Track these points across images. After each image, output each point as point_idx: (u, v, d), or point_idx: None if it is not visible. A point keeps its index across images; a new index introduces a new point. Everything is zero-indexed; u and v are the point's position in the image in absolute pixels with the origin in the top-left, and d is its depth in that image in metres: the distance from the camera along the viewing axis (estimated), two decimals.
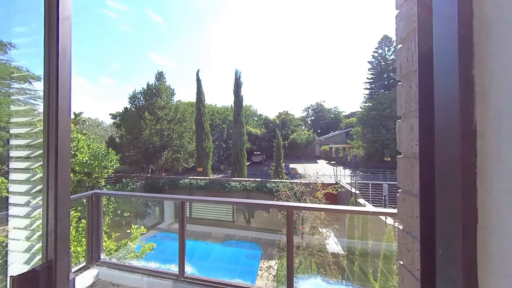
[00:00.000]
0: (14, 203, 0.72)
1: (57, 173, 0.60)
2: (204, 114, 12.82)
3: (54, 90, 0.62)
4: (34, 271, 0.54)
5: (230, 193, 10.44)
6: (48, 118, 0.61)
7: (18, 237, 0.69)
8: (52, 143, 0.61)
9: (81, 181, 8.03)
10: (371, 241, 3.82)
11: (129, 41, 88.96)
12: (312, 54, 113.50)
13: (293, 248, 1.71)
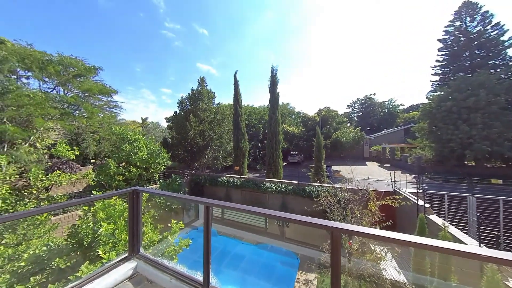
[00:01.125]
0: None
1: None
2: (240, 114, 13.12)
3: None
4: None
5: (265, 194, 10.25)
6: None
7: None
8: None
9: (141, 175, 9.57)
10: (455, 283, 2.74)
11: (181, 55, 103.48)
12: (357, 39, 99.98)
13: (340, 277, 1.26)
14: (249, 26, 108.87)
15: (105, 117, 16.73)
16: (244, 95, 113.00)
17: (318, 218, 4.99)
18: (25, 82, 12.21)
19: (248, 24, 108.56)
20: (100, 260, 2.61)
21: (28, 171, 8.30)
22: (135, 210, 2.69)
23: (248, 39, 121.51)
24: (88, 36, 67.31)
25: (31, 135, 10.82)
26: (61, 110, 12.12)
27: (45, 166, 11.04)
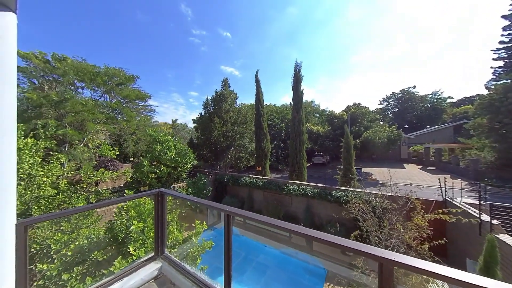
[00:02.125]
0: None
1: None
2: (262, 114, 12.96)
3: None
4: None
5: (288, 196, 9.86)
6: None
7: None
8: None
9: (171, 173, 10.24)
10: None
11: (206, 59, 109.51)
12: (388, 25, 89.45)
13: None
14: (271, 25, 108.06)
15: (141, 120, 18.63)
16: (266, 94, 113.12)
17: (348, 226, 4.57)
18: (81, 92, 14.35)
19: (269, 23, 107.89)
20: (131, 256, 2.76)
21: (81, 167, 9.73)
22: (160, 211, 2.73)
23: (269, 38, 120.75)
24: (128, 47, 76.41)
25: (85, 136, 12.66)
26: (107, 115, 13.89)
27: (94, 163, 12.77)
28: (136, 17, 78.63)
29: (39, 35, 36.92)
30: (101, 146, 8.63)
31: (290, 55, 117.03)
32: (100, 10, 55.87)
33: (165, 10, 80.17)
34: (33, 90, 11.00)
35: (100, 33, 59.78)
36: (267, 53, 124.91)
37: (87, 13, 50.59)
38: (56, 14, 41.53)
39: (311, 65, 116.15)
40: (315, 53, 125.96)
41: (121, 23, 66.02)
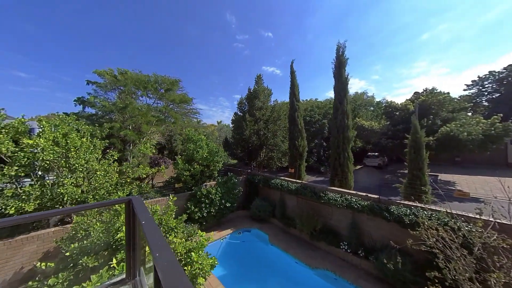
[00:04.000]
0: None
1: None
2: (297, 109, 11.53)
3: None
4: None
5: (327, 206, 8.15)
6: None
7: None
8: None
9: (203, 171, 10.47)
10: None
11: (249, 62, 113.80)
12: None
13: None
14: (313, 15, 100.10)
15: (186, 122, 20.67)
16: (308, 90, 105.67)
17: (416, 258, 2.85)
18: (141, 99, 17.09)
19: (311, 14, 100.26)
20: (113, 270, 2.43)
21: (141, 163, 11.41)
22: (132, 224, 2.20)
23: (311, 30, 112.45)
24: (181, 58, 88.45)
25: (142, 137, 14.90)
26: (157, 117, 15.98)
27: (148, 160, 14.82)
28: (188, 32, 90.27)
29: (111, 54, 48.20)
30: (141, 145, 9.64)
31: (335, 45, 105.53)
32: (157, 28, 67.43)
33: (212, 22, 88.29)
34: (105, 100, 13.80)
35: (158, 47, 72.44)
36: (309, 46, 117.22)
37: (147, 31, 62.08)
38: (121, 33, 53.10)
39: (361, 53, 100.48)
40: (367, 39, 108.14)
41: (175, 37, 77.51)
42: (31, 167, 5.90)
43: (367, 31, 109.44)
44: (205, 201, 9.04)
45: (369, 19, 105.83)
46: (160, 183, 15.03)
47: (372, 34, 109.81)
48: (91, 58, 66.69)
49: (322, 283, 6.24)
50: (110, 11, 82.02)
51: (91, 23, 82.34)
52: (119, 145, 12.95)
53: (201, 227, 8.80)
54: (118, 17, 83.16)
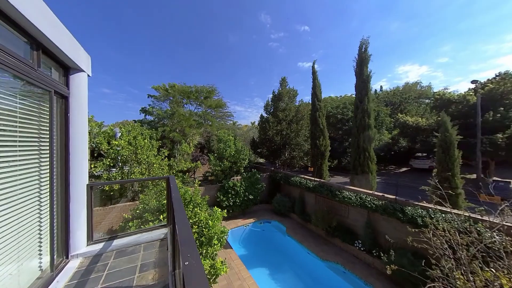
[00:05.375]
0: None
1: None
2: (319, 109, 11.69)
3: None
4: None
5: (343, 204, 8.25)
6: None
7: None
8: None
9: (231, 167, 12.11)
10: None
11: (284, 60, 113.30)
12: None
13: None
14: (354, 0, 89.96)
15: (221, 124, 23.30)
16: (348, 84, 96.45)
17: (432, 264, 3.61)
18: (185, 107, 20.52)
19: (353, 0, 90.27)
20: (160, 222, 4.01)
21: (185, 159, 14.24)
22: (169, 193, 3.65)
23: (355, 15, 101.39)
24: (221, 63, 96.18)
25: (186, 138, 18.01)
26: (197, 121, 18.91)
27: (191, 157, 17.76)
28: (228, 40, 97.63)
29: (164, 67, 57.50)
30: (184, 145, 12.00)
31: (386, 29, 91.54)
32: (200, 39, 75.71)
33: (248, 26, 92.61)
34: (160, 109, 17.46)
35: (199, 56, 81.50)
36: (352, 35, 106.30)
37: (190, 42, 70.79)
38: (174, 49, 62.41)
39: (418, 35, 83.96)
40: (429, 16, 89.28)
41: (216, 45, 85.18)
42: (116, 160, 8.71)
43: (430, 6, 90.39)
44: (231, 192, 10.59)
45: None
46: (200, 176, 17.84)
47: (438, 8, 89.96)
48: (152, 72, 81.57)
49: (330, 274, 6.66)
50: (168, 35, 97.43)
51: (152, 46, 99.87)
52: (169, 144, 16.22)
53: (228, 214, 10.39)
54: (171, 38, 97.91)
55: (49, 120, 2.32)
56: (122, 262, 2.70)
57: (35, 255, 2.16)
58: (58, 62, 2.51)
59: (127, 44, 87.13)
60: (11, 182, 1.77)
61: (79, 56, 2.72)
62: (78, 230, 2.78)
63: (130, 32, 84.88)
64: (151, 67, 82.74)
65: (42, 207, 2.22)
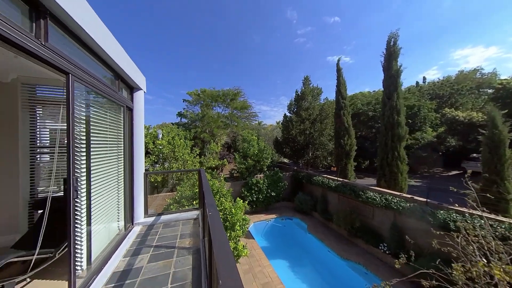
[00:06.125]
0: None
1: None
2: (343, 107, 11.33)
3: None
4: None
5: (367, 205, 7.93)
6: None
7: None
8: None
9: (255, 165, 12.81)
10: None
11: (311, 55, 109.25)
12: None
13: None
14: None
15: (246, 124, 24.40)
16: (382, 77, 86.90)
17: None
18: (213, 109, 22.30)
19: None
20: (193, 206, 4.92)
21: (213, 157, 15.74)
22: (201, 183, 4.46)
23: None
24: (246, 64, 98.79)
25: (214, 138, 19.63)
26: (224, 122, 20.37)
27: (219, 155, 19.22)
28: (253, 40, 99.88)
29: (191, 75, 62.50)
30: (212, 144, 13.25)
31: (437, 7, 78.27)
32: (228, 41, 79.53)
33: (274, 24, 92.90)
34: (192, 112, 19.50)
35: (225, 60, 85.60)
36: (392, 19, 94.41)
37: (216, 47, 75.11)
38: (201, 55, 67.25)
39: (483, 10, 68.84)
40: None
41: (242, 48, 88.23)
42: (158, 157, 10.40)
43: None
44: (254, 189, 11.28)
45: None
46: (226, 174, 19.22)
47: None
48: (184, 78, 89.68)
49: (351, 273, 6.63)
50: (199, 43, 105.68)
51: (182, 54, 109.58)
52: (200, 143, 18.01)
53: (252, 209, 11.12)
54: (199, 45, 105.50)
55: (123, 126, 3.35)
56: (167, 231, 3.60)
57: (115, 220, 3.18)
58: (127, 85, 3.55)
59: (164, 53, 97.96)
60: (105, 170, 2.75)
61: (139, 79, 3.74)
62: (138, 206, 3.82)
63: (166, 43, 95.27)
64: (183, 74, 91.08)
65: (119, 188, 3.24)
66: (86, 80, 2.09)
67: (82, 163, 2.11)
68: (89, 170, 2.24)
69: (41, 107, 3.31)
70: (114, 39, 2.62)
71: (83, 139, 2.16)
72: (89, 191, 2.23)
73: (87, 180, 2.20)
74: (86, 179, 2.18)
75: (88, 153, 2.22)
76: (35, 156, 3.23)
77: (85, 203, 2.17)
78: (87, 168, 2.21)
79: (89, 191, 2.24)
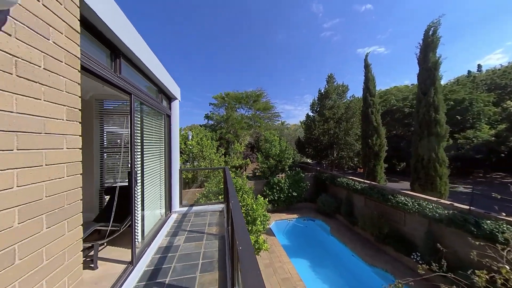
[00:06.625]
0: None
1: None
2: (371, 104, 10.63)
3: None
4: None
5: (398, 210, 7.35)
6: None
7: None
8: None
9: (277, 165, 13.04)
10: None
11: (339, 48, 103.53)
12: None
13: None
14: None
15: (269, 124, 24.71)
16: None
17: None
18: (237, 111, 23.30)
19: None
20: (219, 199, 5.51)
21: (238, 157, 16.62)
22: (225, 179, 4.98)
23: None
24: (271, 63, 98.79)
25: (238, 138, 20.53)
26: (248, 123, 21.11)
27: (242, 155, 20.01)
28: (277, 38, 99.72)
29: (216, 78, 65.59)
30: (236, 145, 13.95)
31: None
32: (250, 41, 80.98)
33: (298, 20, 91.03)
34: (218, 114, 20.78)
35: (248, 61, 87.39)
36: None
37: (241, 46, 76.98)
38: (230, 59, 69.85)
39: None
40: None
41: (265, 47, 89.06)
42: (189, 156, 11.56)
43: None
44: (276, 188, 11.53)
45: None
46: (250, 173, 19.89)
47: None
48: (210, 81, 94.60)
49: (376, 280, 6.32)
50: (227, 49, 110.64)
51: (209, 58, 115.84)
52: (225, 144, 19.09)
53: (273, 207, 11.39)
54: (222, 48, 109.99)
55: (163, 130, 4.07)
56: (198, 219, 4.21)
57: (159, 207, 3.90)
58: (166, 96, 4.28)
59: (191, 58, 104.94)
60: (152, 166, 3.45)
61: (175, 90, 4.45)
62: (175, 197, 4.54)
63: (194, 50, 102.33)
64: (208, 77, 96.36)
65: (161, 182, 3.96)
66: (141, 97, 2.75)
67: (138, 160, 2.77)
68: (142, 166, 2.90)
69: (107, 116, 4.27)
70: (158, 62, 3.28)
71: (138, 142, 2.83)
72: (142, 183, 2.89)
73: (141, 174, 2.87)
74: (141, 173, 2.85)
75: (142, 153, 2.89)
76: (103, 155, 4.20)
77: (140, 192, 2.83)
78: (141, 164, 2.87)
79: (143, 183, 2.90)
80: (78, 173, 1.36)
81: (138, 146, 2.80)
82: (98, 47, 1.96)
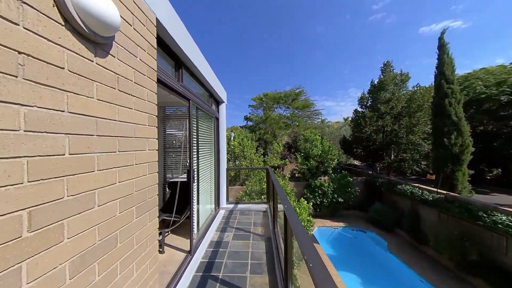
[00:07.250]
0: None
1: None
2: (449, 94, 8.37)
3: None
4: None
5: (494, 234, 5.48)
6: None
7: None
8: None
9: (318, 167, 12.19)
10: None
11: (393, 31, 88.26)
12: None
13: None
14: None
15: (309, 123, 23.45)
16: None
17: None
18: (275, 111, 23.16)
19: None
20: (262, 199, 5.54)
21: (275, 157, 16.59)
22: (268, 180, 4.97)
23: None
24: (311, 57, 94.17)
25: (276, 138, 20.38)
26: (286, 123, 20.66)
27: (280, 155, 19.75)
28: (315, 31, 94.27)
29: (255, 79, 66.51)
30: (274, 145, 13.81)
31: None
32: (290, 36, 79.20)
33: (343, 3, 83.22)
34: (257, 115, 21.22)
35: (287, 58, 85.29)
36: None
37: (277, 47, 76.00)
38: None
39: None
40: None
41: (308, 40, 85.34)
42: (231, 156, 12.24)
43: None
44: (318, 191, 10.75)
45: None
46: (288, 174, 19.43)
47: None
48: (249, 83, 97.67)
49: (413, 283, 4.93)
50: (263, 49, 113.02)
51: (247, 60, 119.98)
52: (264, 144, 19.30)
53: (315, 212, 10.66)
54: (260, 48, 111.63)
55: (213, 131, 4.39)
56: (243, 218, 4.33)
57: (210, 203, 4.23)
58: (215, 100, 4.61)
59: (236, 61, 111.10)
60: (205, 165, 3.76)
61: (223, 94, 4.73)
62: (223, 194, 4.83)
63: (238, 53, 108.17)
64: (247, 79, 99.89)
65: (212, 180, 4.28)
66: (197, 102, 3.01)
67: (194, 159, 3.06)
68: (198, 164, 3.19)
69: (167, 121, 4.97)
70: (210, 68, 3.54)
71: (194, 142, 3.11)
72: (198, 179, 3.17)
73: (197, 172, 3.15)
74: (196, 171, 3.13)
75: (197, 152, 3.17)
76: (164, 154, 4.91)
77: (196, 188, 3.11)
78: (197, 163, 3.16)
79: (198, 179, 3.18)
80: (155, 171, 1.56)
81: (194, 146, 3.08)
82: (166, 60, 2.24)
